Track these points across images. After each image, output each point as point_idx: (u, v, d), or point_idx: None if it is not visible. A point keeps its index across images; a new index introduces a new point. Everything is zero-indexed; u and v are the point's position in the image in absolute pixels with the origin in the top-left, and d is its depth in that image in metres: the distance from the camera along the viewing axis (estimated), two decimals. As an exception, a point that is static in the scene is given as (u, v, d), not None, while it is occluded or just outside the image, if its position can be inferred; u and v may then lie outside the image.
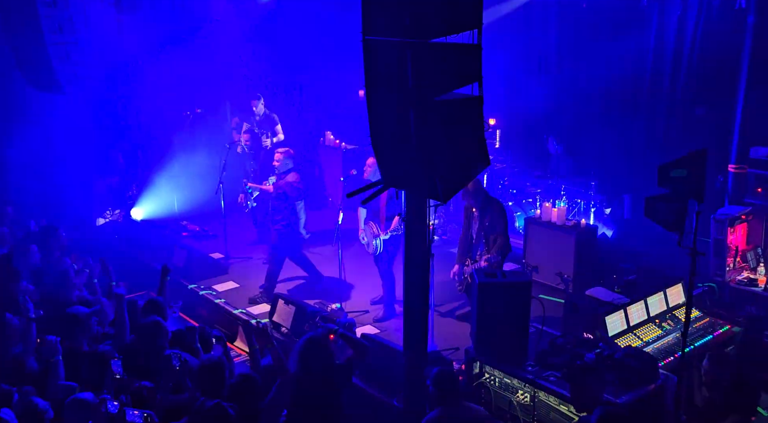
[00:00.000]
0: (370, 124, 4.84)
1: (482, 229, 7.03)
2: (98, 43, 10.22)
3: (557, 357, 5.31)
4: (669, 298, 6.68)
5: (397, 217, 7.47)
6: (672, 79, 9.76)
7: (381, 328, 7.59)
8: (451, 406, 4.43)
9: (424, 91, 4.31)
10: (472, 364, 5.53)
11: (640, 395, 4.84)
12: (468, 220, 7.25)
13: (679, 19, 9.53)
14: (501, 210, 7.06)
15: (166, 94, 10.98)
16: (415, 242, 5.38)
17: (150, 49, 10.87)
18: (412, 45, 4.26)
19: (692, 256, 4.74)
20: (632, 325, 6.32)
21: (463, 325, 7.41)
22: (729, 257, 7.59)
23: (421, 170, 4.57)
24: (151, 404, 4.31)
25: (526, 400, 5.17)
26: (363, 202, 5.84)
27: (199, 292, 8.60)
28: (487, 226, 6.98)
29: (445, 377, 4.49)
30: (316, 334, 4.74)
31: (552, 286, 8.41)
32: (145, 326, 5.04)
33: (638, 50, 9.94)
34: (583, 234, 8.43)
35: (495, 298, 5.38)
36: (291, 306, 7.20)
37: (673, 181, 4.74)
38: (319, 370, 4.55)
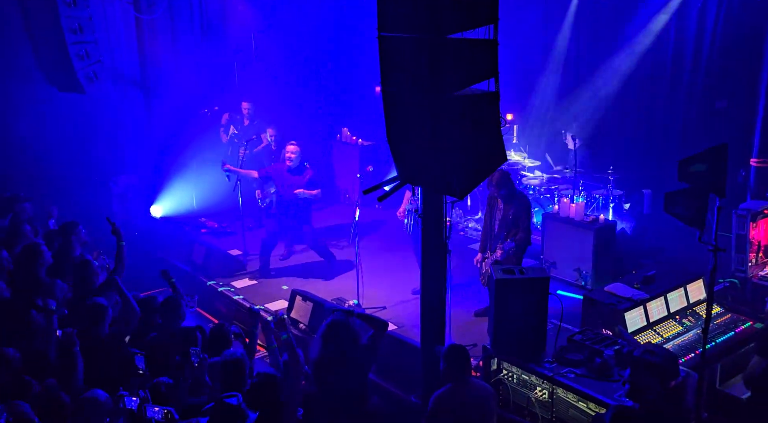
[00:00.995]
0: (386, 121, 4.84)
1: (505, 221, 7.03)
2: (117, 42, 10.33)
3: (576, 353, 5.28)
4: (690, 294, 6.60)
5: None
6: (692, 72, 9.63)
7: (399, 325, 7.60)
8: (460, 382, 4.49)
9: (440, 87, 4.30)
10: (490, 360, 5.51)
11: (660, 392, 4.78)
12: (491, 210, 7.24)
13: (699, 11, 9.40)
14: (527, 205, 7.07)
15: (184, 92, 11.06)
16: (431, 239, 5.38)
17: (168, 48, 10.95)
18: (428, 41, 4.25)
19: (713, 252, 4.67)
20: (652, 322, 6.26)
21: (480, 322, 7.39)
22: (751, 253, 7.48)
23: (437, 166, 4.56)
24: (170, 400, 4.34)
25: (544, 396, 5.14)
26: (379, 199, 5.83)
27: (217, 288, 8.66)
28: (511, 219, 7.00)
29: (456, 353, 4.53)
30: (336, 317, 4.75)
31: (570, 282, 8.38)
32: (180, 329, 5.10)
33: (658, 42, 9.82)
34: (602, 230, 8.36)
35: (513, 295, 5.36)
36: (309, 302, 7.23)
37: (693, 176, 4.68)
38: (345, 352, 4.55)
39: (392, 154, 5.03)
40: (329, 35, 11.86)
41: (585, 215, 8.53)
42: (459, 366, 4.54)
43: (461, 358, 4.55)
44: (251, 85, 11.36)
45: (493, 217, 7.21)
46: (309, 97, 12.02)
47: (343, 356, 4.55)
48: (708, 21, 9.36)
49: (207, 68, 11.18)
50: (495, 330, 5.49)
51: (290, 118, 11.24)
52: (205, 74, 11.17)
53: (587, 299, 6.51)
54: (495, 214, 7.19)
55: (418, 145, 4.63)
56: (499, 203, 7.13)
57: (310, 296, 7.35)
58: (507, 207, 7.02)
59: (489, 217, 7.27)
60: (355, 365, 4.59)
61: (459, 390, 4.51)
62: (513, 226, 6.98)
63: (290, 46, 11.76)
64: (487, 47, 4.32)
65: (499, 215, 7.09)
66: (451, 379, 4.55)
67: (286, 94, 11.52)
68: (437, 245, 5.40)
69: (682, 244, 8.76)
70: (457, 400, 4.50)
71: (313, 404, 4.80)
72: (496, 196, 7.14)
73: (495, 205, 7.20)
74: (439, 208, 5.31)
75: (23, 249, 6.35)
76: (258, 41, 11.62)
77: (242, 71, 11.54)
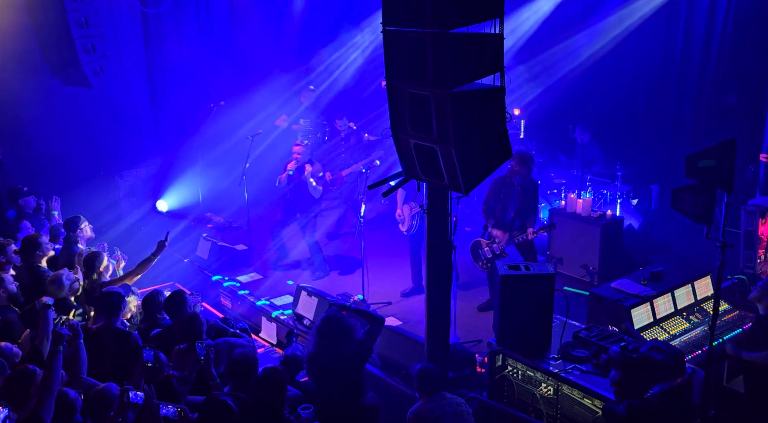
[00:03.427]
0: (390, 115, 4.81)
1: (523, 206, 7.28)
2: (123, 36, 10.34)
3: (581, 350, 5.24)
4: (697, 290, 6.56)
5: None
6: (702, 67, 9.54)
7: (404, 320, 7.58)
8: (434, 397, 4.77)
9: (444, 82, 4.26)
10: (495, 356, 5.48)
11: (666, 389, 4.75)
12: (502, 194, 7.35)
13: (709, 5, 9.31)
14: (537, 187, 7.57)
15: (190, 86, 11.06)
16: (436, 234, 5.36)
17: (174, 42, 10.95)
18: (433, 35, 4.22)
19: (721, 249, 4.63)
20: (659, 318, 6.22)
21: (485, 317, 7.37)
22: (760, 249, 7.42)
23: (442, 162, 4.53)
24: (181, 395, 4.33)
25: (549, 393, 5.12)
26: (384, 195, 5.81)
27: (223, 283, 8.67)
28: (528, 204, 7.27)
29: (427, 373, 4.85)
30: (331, 312, 4.78)
31: (577, 278, 8.34)
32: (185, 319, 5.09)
33: (667, 37, 9.73)
34: (609, 225, 8.31)
35: (518, 291, 5.32)
36: (314, 297, 7.23)
37: (701, 172, 4.63)
38: (339, 347, 4.57)
39: (397, 149, 5.01)
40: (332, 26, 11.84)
41: (592, 211, 8.48)
42: (431, 383, 4.82)
43: (432, 377, 4.85)
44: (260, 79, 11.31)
45: (507, 200, 7.31)
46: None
47: (337, 351, 4.58)
48: (718, 16, 9.26)
49: (213, 62, 11.18)
50: (500, 326, 5.47)
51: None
52: (212, 68, 11.17)
53: (593, 295, 6.48)
54: (509, 196, 7.30)
55: (423, 140, 4.60)
56: (515, 186, 7.27)
57: (315, 291, 7.35)
58: (524, 192, 7.26)
59: (500, 201, 7.34)
60: (349, 360, 4.62)
61: (431, 404, 4.74)
62: (529, 211, 7.28)
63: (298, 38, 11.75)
64: (493, 41, 4.29)
65: (516, 201, 7.25)
66: (424, 395, 4.82)
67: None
68: (442, 241, 5.38)
69: (689, 240, 8.70)
70: (433, 414, 4.70)
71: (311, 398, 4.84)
72: (511, 180, 7.28)
73: (509, 188, 7.30)
74: (445, 204, 5.29)
75: (23, 241, 6.38)
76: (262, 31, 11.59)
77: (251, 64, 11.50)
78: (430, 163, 4.66)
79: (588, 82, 10.44)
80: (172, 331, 5.25)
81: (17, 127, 9.37)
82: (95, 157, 10.10)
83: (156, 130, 10.90)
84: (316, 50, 11.97)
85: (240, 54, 11.44)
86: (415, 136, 4.67)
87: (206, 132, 10.95)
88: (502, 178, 7.45)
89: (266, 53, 11.54)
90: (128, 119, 10.55)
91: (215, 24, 11.40)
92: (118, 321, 5.20)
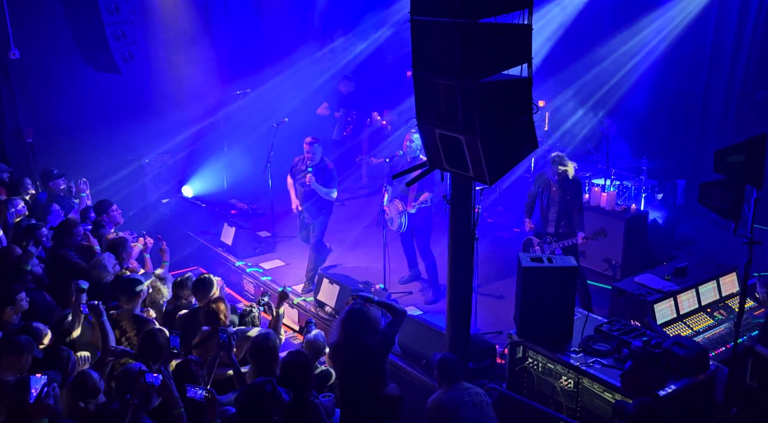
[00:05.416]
0: (416, 105, 4.81)
1: (563, 203, 7.10)
2: (153, 22, 10.44)
3: (603, 344, 5.23)
4: (722, 287, 6.49)
5: (425, 193, 7.53)
6: (732, 61, 9.37)
7: (424, 310, 7.61)
8: (453, 387, 4.80)
9: (471, 73, 4.25)
10: (516, 348, 5.50)
11: (689, 385, 4.73)
12: (542, 194, 7.24)
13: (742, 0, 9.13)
14: (581, 187, 7.26)
15: (219, 73, 11.15)
16: (460, 225, 5.37)
17: (203, 28, 11.03)
18: (461, 25, 4.20)
19: (748, 245, 4.58)
20: (682, 314, 6.18)
21: (506, 309, 7.37)
22: (788, 246, 7.31)
23: (467, 152, 4.53)
24: (199, 379, 4.40)
25: (569, 386, 5.12)
26: (408, 185, 5.83)
27: (246, 269, 8.78)
28: (569, 200, 7.08)
29: (447, 362, 4.88)
30: (355, 305, 4.82)
31: (599, 272, 8.29)
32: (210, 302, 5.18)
33: (697, 30, 9.57)
34: (633, 219, 8.24)
35: (540, 283, 5.32)
36: (336, 285, 7.29)
37: (730, 167, 4.58)
38: (362, 339, 4.63)
39: (421, 139, 5.02)
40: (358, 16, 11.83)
41: (616, 205, 8.41)
42: (451, 372, 4.86)
43: (452, 366, 4.88)
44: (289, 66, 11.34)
45: (547, 200, 7.21)
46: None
47: (360, 343, 4.62)
48: (751, 10, 9.07)
49: (239, 49, 11.24)
50: (521, 318, 5.47)
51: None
52: (238, 56, 11.23)
53: (616, 289, 6.45)
54: (548, 197, 7.19)
55: (448, 130, 4.60)
56: (552, 186, 7.15)
57: (337, 279, 7.40)
58: (563, 189, 7.07)
59: (542, 201, 7.26)
60: (371, 352, 4.66)
61: (452, 394, 4.77)
62: (573, 208, 7.06)
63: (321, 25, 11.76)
64: (522, 32, 4.26)
65: (557, 197, 7.12)
66: (443, 384, 4.86)
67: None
68: (465, 232, 5.38)
69: (715, 236, 8.60)
70: (452, 403, 4.73)
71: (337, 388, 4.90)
72: (549, 179, 7.16)
73: (548, 188, 7.20)
74: (468, 195, 5.29)
75: (59, 225, 6.51)
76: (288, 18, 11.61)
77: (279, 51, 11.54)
78: (455, 153, 4.66)
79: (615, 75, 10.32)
80: (197, 314, 5.34)
81: (48, 111, 9.54)
82: (123, 142, 10.25)
83: (182, 116, 11.01)
84: (338, 37, 11.99)
85: (265, 41, 11.48)
86: (441, 126, 4.67)
87: (232, 119, 11.04)
88: (541, 174, 7.37)
89: (291, 41, 11.57)
90: (155, 105, 10.68)
91: (241, 11, 11.45)
92: (137, 308, 5.29)
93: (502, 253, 8.83)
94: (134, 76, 9.95)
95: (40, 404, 3.69)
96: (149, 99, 10.65)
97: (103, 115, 9.97)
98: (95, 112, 9.88)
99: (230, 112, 11.04)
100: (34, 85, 9.37)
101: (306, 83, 11.33)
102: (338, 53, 11.93)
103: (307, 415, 4.20)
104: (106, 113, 10.02)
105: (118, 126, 10.15)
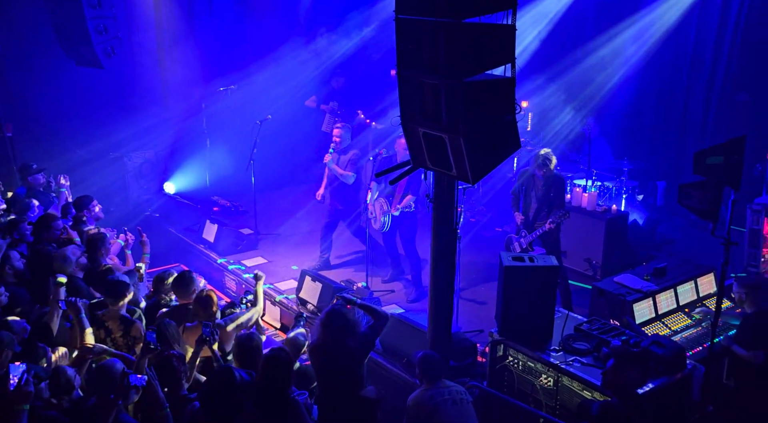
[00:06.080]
0: (400, 104, 4.82)
1: (546, 199, 7.20)
2: (135, 18, 10.35)
3: (582, 343, 5.28)
4: (700, 287, 6.57)
5: (409, 195, 7.57)
6: (713, 64, 9.50)
7: (406, 308, 7.63)
8: (434, 385, 4.85)
9: (455, 72, 4.27)
10: (496, 346, 5.53)
11: (667, 384, 4.79)
12: (527, 190, 7.34)
13: (723, 1, 9.25)
14: (565, 184, 7.38)
15: (202, 69, 11.07)
16: (443, 224, 5.39)
17: (186, 25, 10.95)
18: (446, 25, 4.22)
19: (726, 246, 4.65)
20: (660, 314, 6.25)
21: (487, 308, 7.41)
22: (764, 248, 7.43)
23: (450, 151, 4.54)
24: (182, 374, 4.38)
25: (549, 384, 5.16)
26: (391, 183, 5.84)
27: (228, 266, 8.74)
28: (552, 197, 7.19)
29: (429, 360, 4.93)
30: (336, 306, 4.83)
31: (580, 272, 8.37)
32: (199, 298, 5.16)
33: (679, 33, 9.68)
34: (614, 220, 8.32)
35: (521, 282, 5.35)
36: (318, 283, 7.28)
37: (709, 169, 4.64)
38: (341, 340, 4.62)
39: (406, 138, 5.03)
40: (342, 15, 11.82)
41: (597, 205, 8.49)
42: (433, 370, 4.89)
43: (434, 364, 4.92)
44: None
45: (529, 196, 7.31)
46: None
47: (338, 343, 4.61)
48: (731, 13, 9.20)
49: (223, 45, 11.18)
50: (502, 316, 5.50)
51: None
52: (222, 51, 11.17)
53: (596, 289, 6.50)
54: (532, 192, 7.29)
55: (432, 129, 4.61)
56: (537, 183, 7.25)
57: (319, 277, 7.40)
58: (547, 186, 7.18)
59: (524, 197, 7.35)
60: (350, 354, 4.65)
61: (433, 392, 4.80)
62: (554, 204, 7.19)
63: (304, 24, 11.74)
64: (506, 32, 4.29)
65: (540, 194, 7.23)
66: (424, 382, 4.89)
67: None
68: (448, 231, 5.41)
69: (693, 237, 8.72)
70: (432, 401, 4.76)
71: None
72: (534, 175, 7.26)
73: (531, 184, 7.30)
74: (451, 194, 5.31)
75: (37, 220, 6.43)
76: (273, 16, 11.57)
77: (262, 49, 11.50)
78: (439, 152, 4.68)
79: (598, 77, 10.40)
80: (180, 311, 5.31)
81: (29, 105, 9.43)
82: (105, 137, 10.15)
83: (165, 112, 10.93)
84: (322, 34, 11.97)
85: (249, 36, 11.43)
86: (425, 125, 4.69)
87: (216, 115, 10.98)
88: (525, 170, 7.46)
89: (275, 35, 11.53)
90: (138, 100, 10.60)
91: (225, 8, 11.39)
92: (123, 308, 5.25)
93: (484, 252, 8.88)
94: (117, 71, 9.84)
95: (21, 391, 3.72)
96: (132, 94, 10.56)
97: (85, 110, 9.87)
98: (77, 106, 9.79)
99: (214, 109, 10.97)
100: (14, 79, 9.27)
101: (290, 80, 11.30)
102: (322, 51, 11.90)
103: (288, 411, 4.20)
104: (88, 108, 9.92)
105: (100, 121, 10.06)
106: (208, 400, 3.94)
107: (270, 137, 10.07)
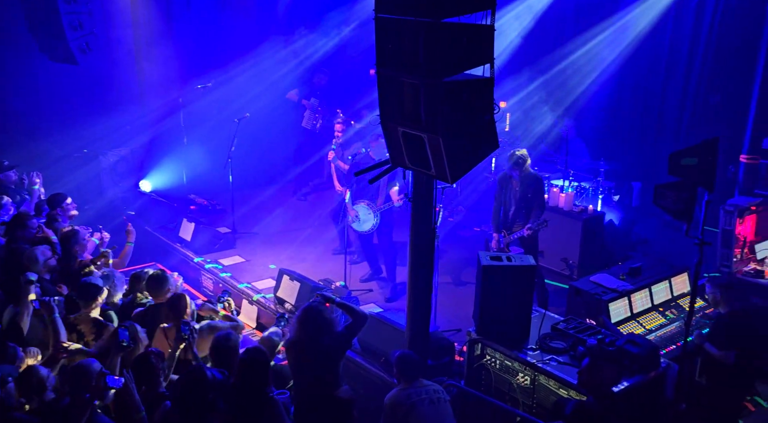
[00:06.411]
0: (380, 103, 4.82)
1: (524, 200, 7.19)
2: (111, 14, 10.21)
3: (559, 341, 5.32)
4: (674, 286, 6.67)
5: (395, 187, 7.63)
6: (688, 66, 9.65)
7: (384, 307, 7.63)
8: (411, 384, 4.87)
9: (435, 71, 4.27)
10: (474, 345, 5.55)
11: (641, 382, 4.85)
12: (504, 191, 7.33)
13: (697, 5, 9.40)
14: (542, 184, 7.35)
15: (178, 66, 10.96)
16: (421, 223, 5.39)
17: (163, 22, 10.83)
18: (425, 24, 4.22)
19: (699, 246, 4.71)
20: (635, 313, 6.32)
21: (465, 307, 7.44)
22: (736, 248, 7.55)
23: (429, 151, 4.55)
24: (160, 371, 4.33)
25: (526, 383, 5.19)
26: (370, 182, 5.84)
27: (205, 265, 8.66)
28: (530, 197, 7.17)
29: (406, 359, 4.95)
30: (313, 303, 4.81)
31: (557, 271, 8.44)
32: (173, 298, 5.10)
33: (655, 36, 9.81)
34: (590, 220, 8.40)
35: (499, 281, 5.38)
36: (296, 282, 7.25)
37: (683, 170, 4.70)
38: (317, 338, 4.61)
39: (384, 137, 5.03)
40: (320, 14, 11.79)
41: (574, 205, 8.57)
42: (410, 369, 4.90)
43: (411, 363, 4.93)
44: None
45: (507, 197, 7.30)
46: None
47: (314, 342, 4.60)
48: (705, 16, 9.36)
49: (201, 42, 11.08)
50: (480, 315, 5.53)
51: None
52: (200, 48, 11.07)
53: (573, 288, 6.56)
54: (510, 194, 7.28)
55: (411, 128, 4.61)
56: (514, 184, 7.24)
57: (297, 276, 7.36)
58: (524, 187, 7.16)
59: (501, 199, 7.34)
60: (325, 352, 4.64)
61: (410, 391, 4.81)
62: (532, 204, 7.17)
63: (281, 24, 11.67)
64: (485, 32, 4.30)
65: (517, 195, 7.21)
66: (402, 381, 4.91)
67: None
68: (426, 230, 5.41)
69: (668, 237, 8.84)
70: (409, 400, 4.76)
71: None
72: (510, 176, 7.25)
73: (508, 185, 7.29)
74: (430, 193, 5.32)
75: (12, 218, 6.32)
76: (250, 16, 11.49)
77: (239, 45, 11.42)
78: (418, 152, 4.68)
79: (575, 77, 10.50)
80: (156, 310, 5.25)
81: (1, 101, 9.25)
82: (80, 134, 10.02)
83: (141, 109, 10.80)
84: (301, 34, 11.93)
85: (228, 34, 11.35)
86: (404, 124, 4.69)
87: (193, 113, 10.87)
88: (504, 173, 7.45)
89: (254, 34, 11.46)
90: (114, 98, 10.47)
91: (204, 6, 11.29)
92: (96, 311, 5.17)
93: (462, 251, 8.92)
94: (93, 68, 9.70)
95: None
96: (108, 92, 10.42)
97: (59, 107, 9.73)
98: (51, 103, 9.64)
99: (192, 107, 10.86)
100: (-15, 74, 9.10)
101: (269, 79, 11.23)
102: (301, 50, 11.86)
103: (266, 410, 4.17)
104: (64, 105, 9.78)
105: (75, 118, 9.91)
106: (179, 399, 3.90)
107: (248, 135, 10.01)
